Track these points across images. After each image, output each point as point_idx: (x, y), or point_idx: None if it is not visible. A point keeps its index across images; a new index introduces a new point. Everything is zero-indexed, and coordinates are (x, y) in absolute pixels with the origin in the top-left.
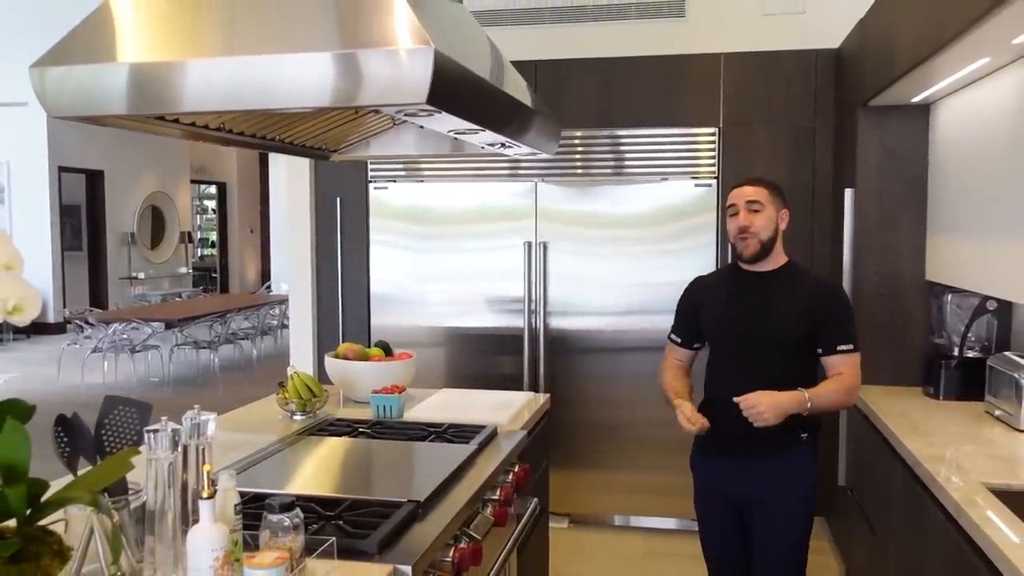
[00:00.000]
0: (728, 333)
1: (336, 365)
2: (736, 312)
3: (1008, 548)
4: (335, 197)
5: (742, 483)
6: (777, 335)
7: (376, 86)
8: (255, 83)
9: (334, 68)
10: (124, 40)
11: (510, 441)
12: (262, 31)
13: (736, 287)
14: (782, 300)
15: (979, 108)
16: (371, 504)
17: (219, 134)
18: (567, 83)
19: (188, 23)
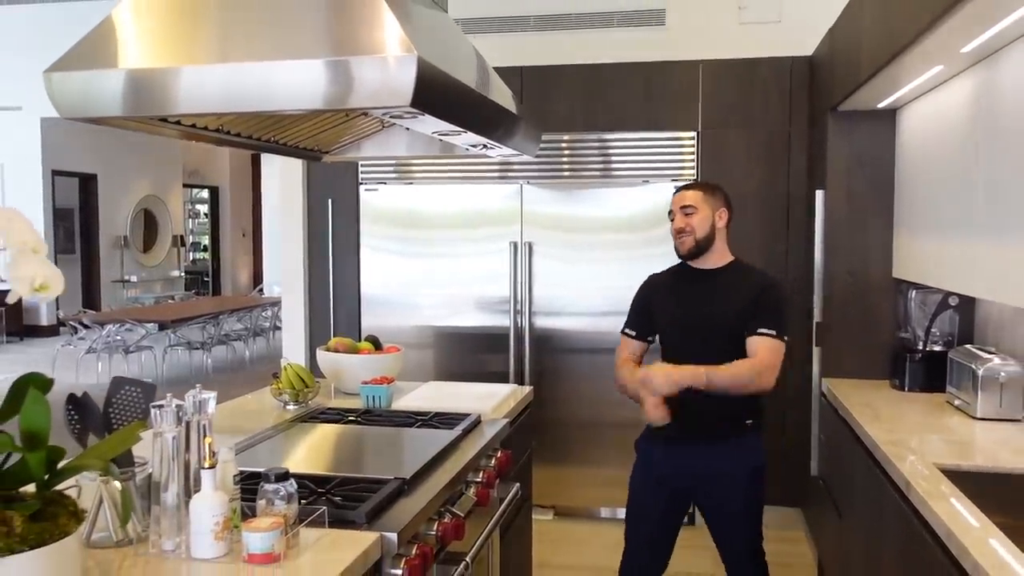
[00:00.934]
0: (678, 326)
1: (327, 358)
2: (685, 307)
3: (950, 520)
4: (327, 198)
5: (690, 468)
6: (723, 328)
7: (365, 90)
8: (254, 86)
9: (326, 73)
10: (128, 48)
11: (493, 428)
12: (260, 39)
13: (685, 284)
14: (728, 295)
15: (938, 113)
16: (360, 481)
17: (216, 135)
18: (553, 88)
19: (188, 32)
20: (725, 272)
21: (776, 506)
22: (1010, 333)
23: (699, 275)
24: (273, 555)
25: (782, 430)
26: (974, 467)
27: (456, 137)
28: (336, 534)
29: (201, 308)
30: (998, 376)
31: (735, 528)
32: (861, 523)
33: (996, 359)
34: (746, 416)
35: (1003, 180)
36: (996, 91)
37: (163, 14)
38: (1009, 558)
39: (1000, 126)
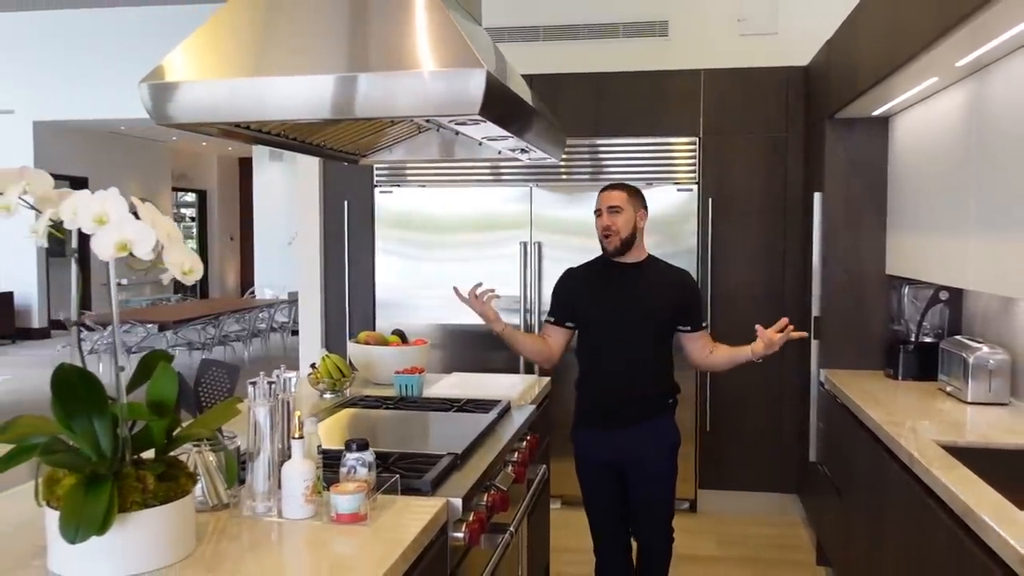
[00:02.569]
0: (601, 316)
1: (360, 350)
2: (608, 298)
3: (954, 483)
4: (343, 200)
5: (622, 446)
6: (644, 317)
7: (442, 100)
8: (341, 97)
9: (411, 84)
10: (219, 60)
11: (522, 414)
12: (344, 54)
13: (607, 277)
14: (647, 288)
15: (931, 121)
16: (416, 456)
17: (275, 138)
18: (561, 96)
19: (273, 46)
20: (644, 267)
21: (773, 492)
22: (995, 325)
23: (622, 269)
24: (359, 515)
25: (780, 421)
26: (968, 443)
27: (500, 142)
28: (407, 500)
29: (199, 310)
30: (987, 364)
31: (660, 499)
32: (862, 499)
33: (985, 348)
34: (668, 397)
35: (994, 182)
36: (988, 101)
37: (249, 28)
38: (1012, 515)
39: (992, 133)
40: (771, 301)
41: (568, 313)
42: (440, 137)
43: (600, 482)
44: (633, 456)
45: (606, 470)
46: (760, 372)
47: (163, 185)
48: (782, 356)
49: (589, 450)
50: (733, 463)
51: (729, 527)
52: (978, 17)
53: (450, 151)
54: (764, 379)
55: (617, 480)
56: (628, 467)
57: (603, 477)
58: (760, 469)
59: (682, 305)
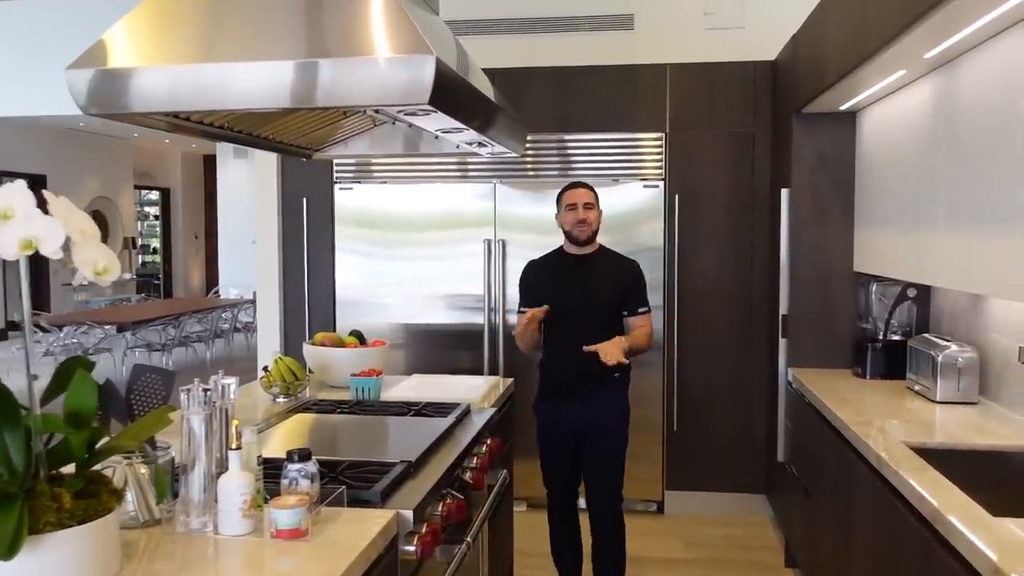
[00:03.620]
0: (564, 302)
1: (315, 352)
2: (564, 286)
3: (923, 486)
4: (301, 197)
5: (579, 416)
6: (600, 302)
7: (389, 88)
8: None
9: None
10: (154, 45)
11: (482, 417)
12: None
13: (568, 268)
14: (602, 275)
15: (899, 115)
16: (368, 464)
17: (218, 131)
18: (524, 91)
19: (212, 32)
20: (598, 257)
21: (742, 493)
22: (964, 322)
23: (579, 259)
24: (300, 530)
25: (748, 420)
26: (938, 444)
27: (456, 135)
28: (354, 512)
29: (159, 310)
30: (956, 362)
31: (611, 466)
32: (830, 500)
33: (953, 346)
34: (616, 371)
35: (962, 177)
36: (957, 94)
37: (184, 14)
38: (984, 520)
39: (960, 126)
40: (740, 299)
41: (536, 302)
42: (397, 131)
43: (557, 448)
44: (589, 424)
45: (564, 439)
46: (728, 371)
47: (125, 183)
48: (750, 354)
49: (549, 421)
50: (701, 463)
51: (697, 528)
52: (946, 6)
53: (408, 146)
54: (732, 378)
55: (572, 450)
56: (584, 434)
57: (561, 444)
58: (728, 469)
59: (626, 291)
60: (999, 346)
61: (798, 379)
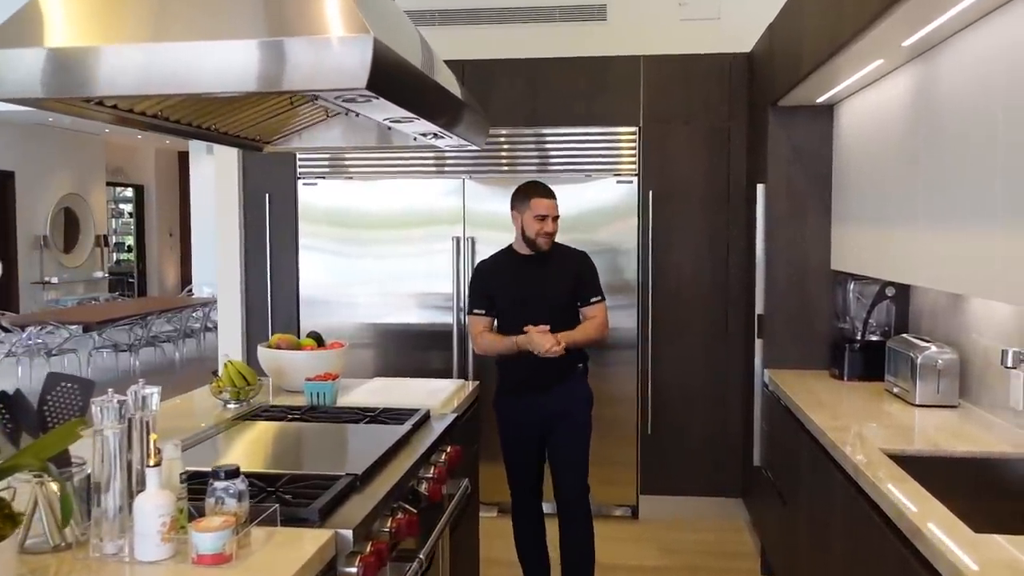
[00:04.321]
0: (519, 301)
1: (269, 355)
2: (525, 285)
3: (899, 501)
4: (264, 193)
5: (544, 408)
6: (555, 298)
7: (321, 71)
8: (204, 68)
9: (280, 54)
10: (61, 26)
11: (442, 423)
12: (203, 18)
13: (521, 268)
14: (556, 272)
15: (877, 107)
16: (310, 478)
17: (152, 120)
18: (494, 82)
19: (123, 10)
20: (550, 254)
21: (718, 497)
22: (943, 322)
23: (531, 259)
24: (224, 555)
25: (724, 422)
26: (917, 452)
27: (407, 125)
28: (288, 532)
29: (128, 309)
30: (935, 364)
31: (577, 457)
32: (806, 508)
33: (933, 347)
34: (577, 362)
35: (944, 171)
36: (937, 84)
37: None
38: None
39: (940, 118)
40: (715, 297)
41: (491, 303)
42: (352, 123)
43: (520, 440)
44: (553, 413)
45: (526, 430)
46: (703, 372)
47: (97, 180)
48: (726, 354)
49: (512, 416)
50: (675, 467)
51: (672, 534)
52: None
53: (361, 138)
54: (708, 379)
55: (537, 440)
56: (549, 423)
57: (523, 437)
58: (704, 473)
59: (578, 283)
60: (980, 347)
61: (774, 380)
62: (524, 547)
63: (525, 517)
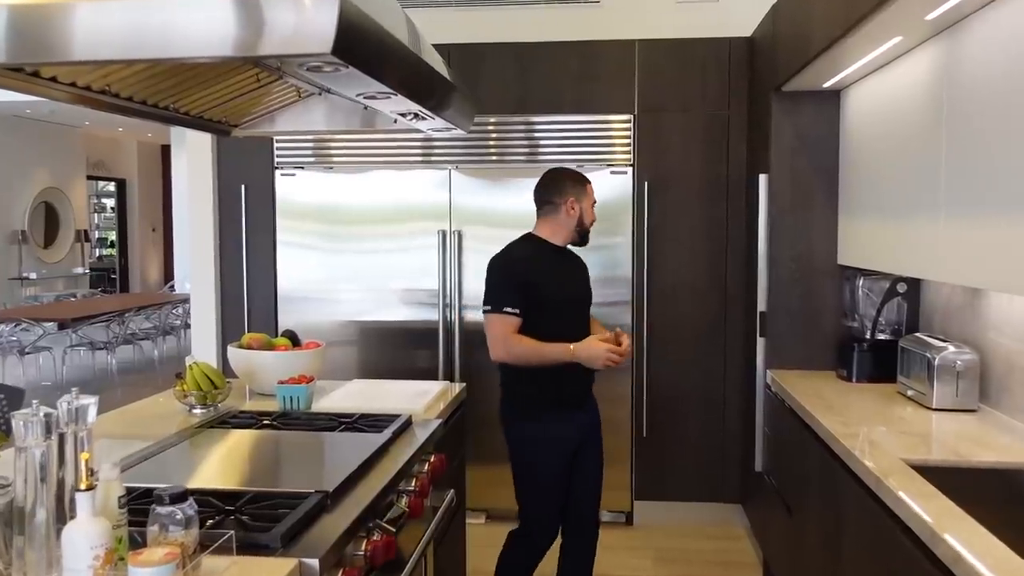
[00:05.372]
0: (563, 298)
1: (239, 355)
2: (564, 280)
3: (933, 517)
4: (239, 184)
5: (586, 420)
6: (587, 296)
7: (279, 34)
8: (148, 30)
9: (234, 14)
10: None
11: (425, 430)
12: None
13: (557, 261)
14: (579, 269)
15: (890, 90)
16: (275, 496)
17: (107, 99)
18: (481, 67)
19: None
20: (570, 251)
21: (715, 503)
22: (958, 320)
23: (566, 252)
24: None
25: (722, 426)
26: (940, 462)
27: (384, 102)
28: (246, 562)
29: (105, 306)
30: (954, 365)
31: (602, 464)
32: (816, 520)
33: (951, 347)
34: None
35: (972, 157)
36: (964, 62)
37: None
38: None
39: (966, 100)
40: (714, 294)
41: (528, 300)
42: (330, 105)
43: (563, 461)
44: (591, 427)
45: (567, 448)
46: (701, 372)
47: (77, 173)
48: (725, 354)
49: (558, 433)
50: (672, 472)
51: (668, 541)
52: None
53: (338, 121)
54: (706, 380)
55: (572, 458)
56: (583, 438)
57: (567, 456)
58: (701, 478)
59: (586, 283)
60: (1001, 347)
61: (777, 382)
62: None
63: (538, 561)
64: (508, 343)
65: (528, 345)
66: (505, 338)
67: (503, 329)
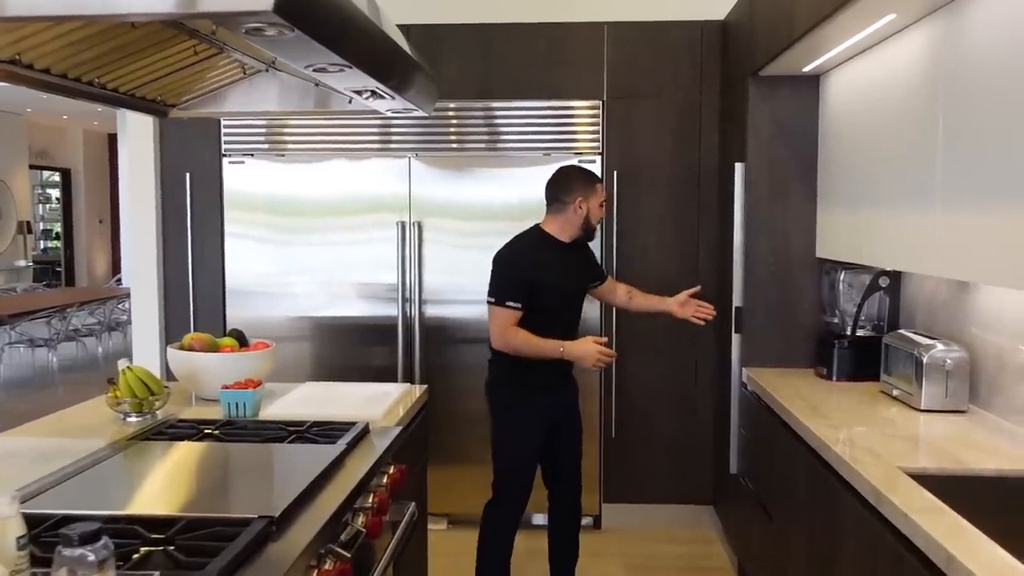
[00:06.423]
0: (565, 291)
1: (180, 357)
2: (567, 274)
3: (945, 538)
4: (184, 172)
5: (561, 405)
6: (582, 286)
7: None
8: None
9: None
10: None
11: (384, 439)
12: None
13: (561, 254)
14: (578, 260)
15: (875, 75)
16: (212, 523)
17: (19, 70)
18: (442, 49)
19: None
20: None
21: (687, 504)
22: (944, 316)
23: (568, 246)
24: None
25: (694, 424)
26: (940, 470)
27: (338, 76)
28: None
29: (46, 301)
30: (943, 364)
31: (580, 445)
32: (804, 530)
33: (939, 345)
34: None
35: (972, 143)
36: (965, 38)
37: None
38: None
39: (968, 82)
40: (686, 286)
41: (530, 294)
42: (278, 82)
43: (540, 439)
44: (565, 407)
45: (543, 429)
46: (673, 370)
47: (19, 162)
48: (698, 351)
49: (543, 414)
50: (642, 473)
51: (637, 546)
52: None
53: (290, 101)
54: (678, 378)
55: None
56: (562, 421)
57: (539, 437)
58: (672, 479)
59: (589, 267)
60: (991, 344)
61: (754, 380)
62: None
63: (515, 529)
64: (506, 335)
65: (524, 339)
66: (505, 329)
67: (504, 321)
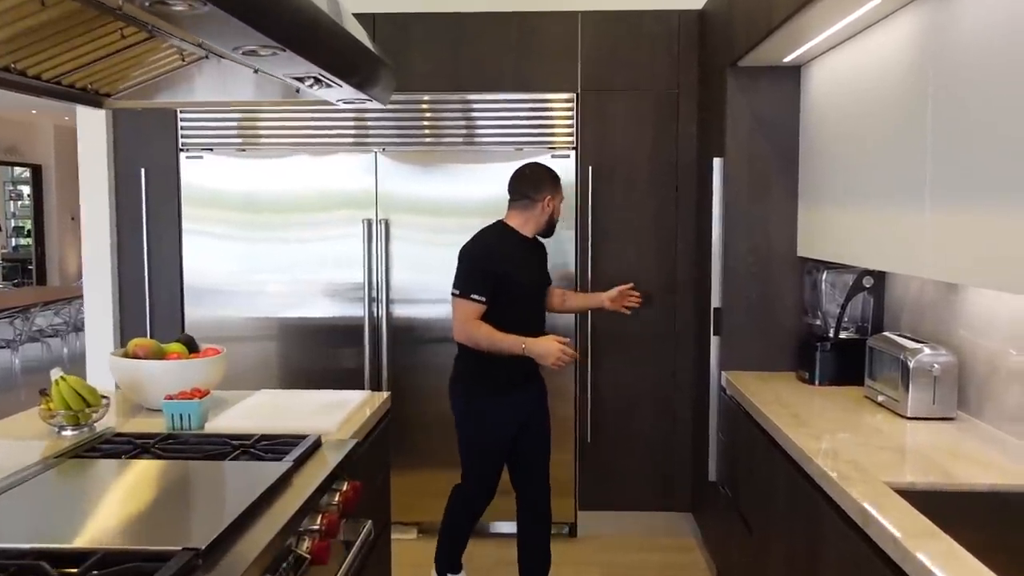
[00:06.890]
0: (529, 285)
1: (122, 365)
2: (531, 268)
3: (941, 568)
4: (139, 168)
5: (528, 404)
6: (548, 279)
7: None
8: None
9: None
10: None
11: (337, 453)
12: None
13: (524, 250)
14: (539, 257)
15: (860, 65)
16: (130, 557)
17: None
18: (411, 41)
19: None
20: (535, 239)
21: (664, 511)
22: (931, 318)
23: (533, 242)
24: None
25: (672, 429)
26: (930, 485)
27: (272, 61)
28: None
29: (8, 301)
30: (931, 369)
31: (548, 444)
32: (785, 545)
33: (926, 349)
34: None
35: (964, 137)
36: (959, 24)
37: None
38: None
39: (960, 71)
40: (663, 289)
41: (495, 289)
42: (219, 70)
43: (508, 439)
44: (536, 408)
45: (511, 430)
46: (650, 374)
47: None
48: (675, 354)
49: (507, 412)
50: (618, 480)
51: (615, 555)
52: None
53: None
54: (654, 381)
55: (513, 440)
56: (530, 420)
57: (508, 437)
58: (649, 486)
59: (543, 267)
60: (981, 348)
61: (733, 384)
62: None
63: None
64: (468, 327)
65: (485, 333)
66: (466, 322)
67: (466, 313)
